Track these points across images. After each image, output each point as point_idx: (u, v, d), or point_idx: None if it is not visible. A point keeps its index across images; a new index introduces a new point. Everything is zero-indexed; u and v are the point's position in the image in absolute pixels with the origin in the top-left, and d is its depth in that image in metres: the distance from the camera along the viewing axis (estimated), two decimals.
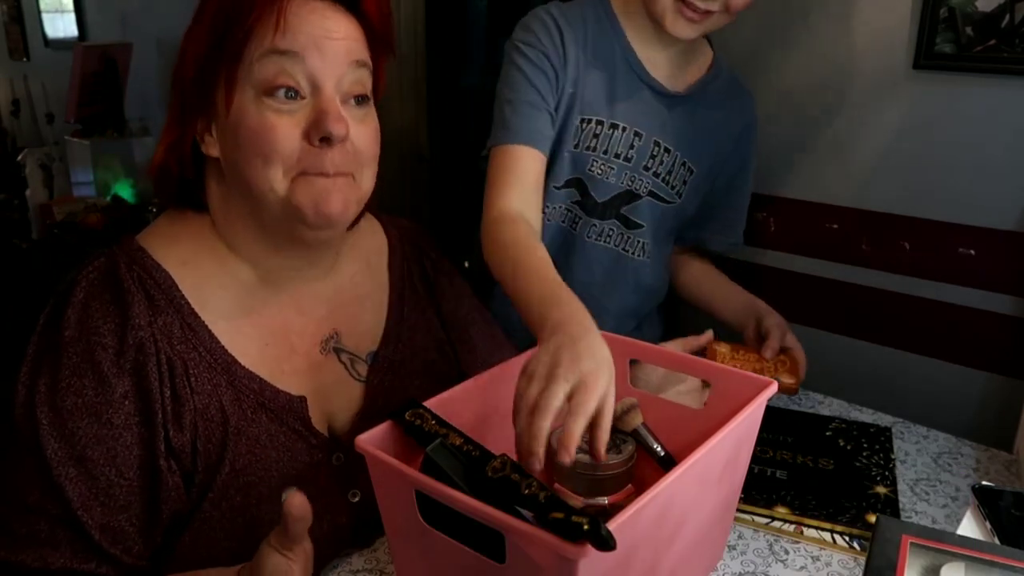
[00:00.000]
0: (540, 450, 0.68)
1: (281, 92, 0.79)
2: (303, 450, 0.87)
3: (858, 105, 1.45)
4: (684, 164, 1.31)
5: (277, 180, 0.80)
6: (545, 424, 0.69)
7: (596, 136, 1.25)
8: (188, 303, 0.83)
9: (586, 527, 0.56)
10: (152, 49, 3.53)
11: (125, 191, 3.36)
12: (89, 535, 0.76)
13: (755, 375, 0.84)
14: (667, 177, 1.31)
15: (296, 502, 0.63)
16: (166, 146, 0.84)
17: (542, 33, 1.20)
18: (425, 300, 1.04)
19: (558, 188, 1.29)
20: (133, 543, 0.79)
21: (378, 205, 0.98)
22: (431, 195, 2.80)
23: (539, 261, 0.96)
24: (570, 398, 0.71)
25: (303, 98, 0.80)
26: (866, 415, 1.22)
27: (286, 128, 0.79)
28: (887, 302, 1.49)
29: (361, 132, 0.84)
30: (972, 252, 1.39)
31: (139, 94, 3.60)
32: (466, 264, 1.47)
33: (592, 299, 1.21)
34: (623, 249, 1.33)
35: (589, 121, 1.25)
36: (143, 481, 0.79)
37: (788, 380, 1.08)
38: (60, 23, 4.46)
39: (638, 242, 1.34)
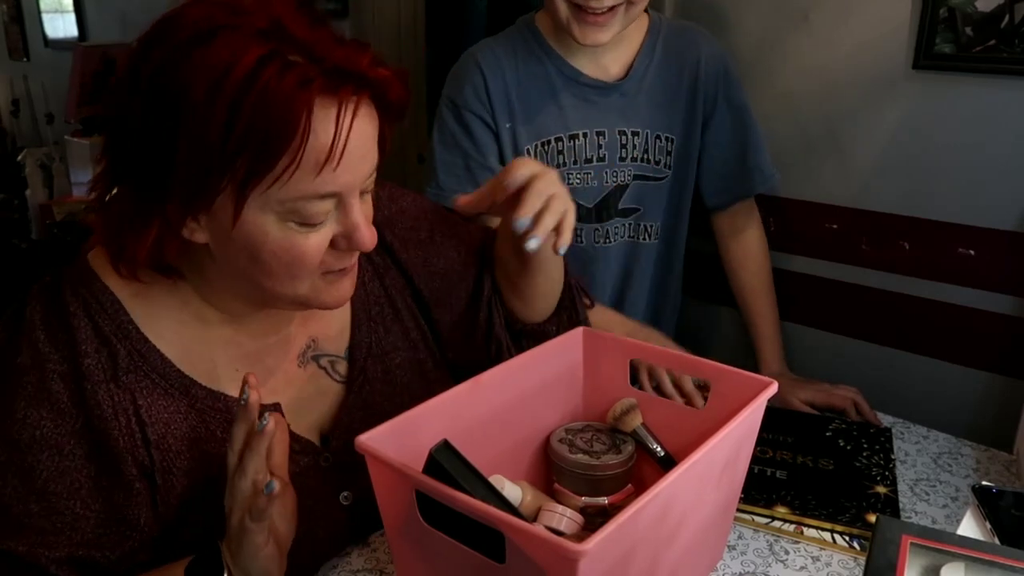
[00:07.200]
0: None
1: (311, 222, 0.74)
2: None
3: (858, 105, 1.45)
4: (658, 137, 1.33)
5: (302, 288, 0.78)
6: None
7: (560, 152, 1.29)
8: (137, 329, 0.79)
9: None
10: None
11: None
12: (53, 574, 0.73)
13: (755, 375, 0.84)
14: (645, 156, 1.33)
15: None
16: (143, 241, 0.73)
17: (468, 90, 1.25)
18: (394, 272, 0.99)
19: None
20: (105, 571, 0.76)
21: None
22: None
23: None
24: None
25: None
26: None
27: (316, 246, 0.75)
28: (887, 302, 1.49)
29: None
30: (972, 252, 1.39)
31: None
32: None
33: (615, 292, 1.40)
34: (629, 237, 1.38)
35: (547, 143, 1.28)
36: (110, 512, 0.76)
37: None
38: (60, 23, 4.47)
39: (641, 226, 1.38)
